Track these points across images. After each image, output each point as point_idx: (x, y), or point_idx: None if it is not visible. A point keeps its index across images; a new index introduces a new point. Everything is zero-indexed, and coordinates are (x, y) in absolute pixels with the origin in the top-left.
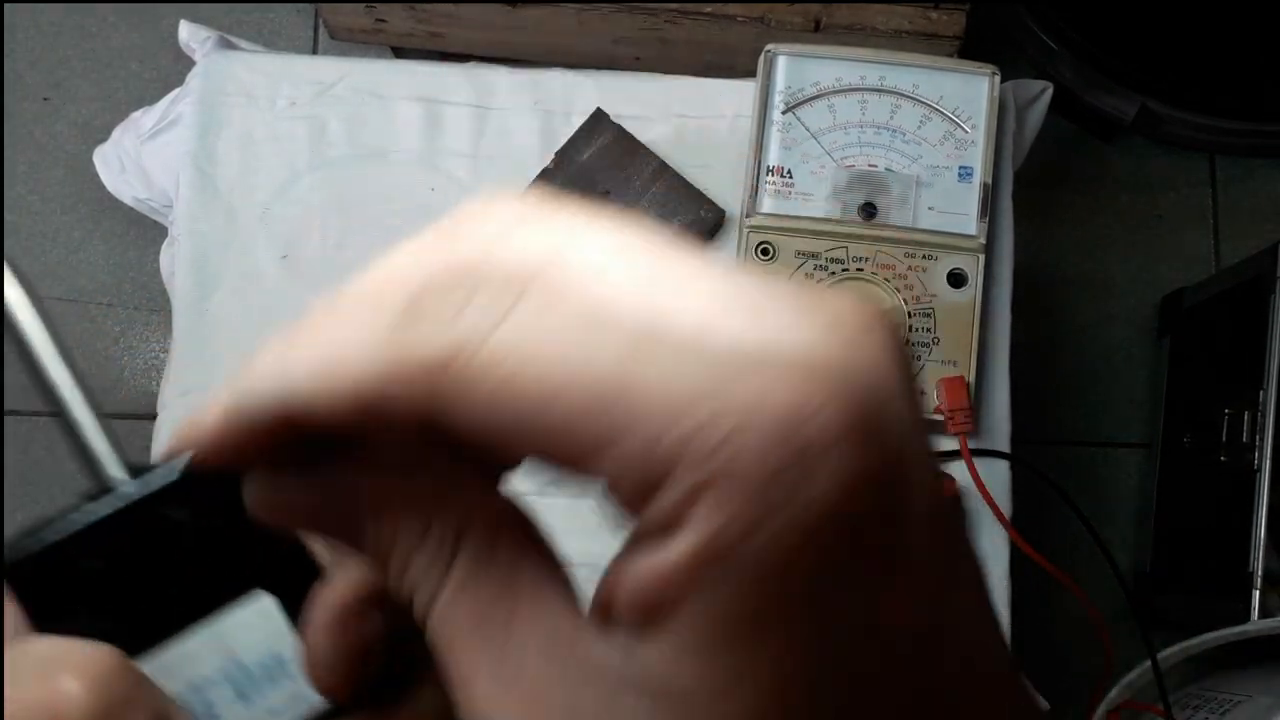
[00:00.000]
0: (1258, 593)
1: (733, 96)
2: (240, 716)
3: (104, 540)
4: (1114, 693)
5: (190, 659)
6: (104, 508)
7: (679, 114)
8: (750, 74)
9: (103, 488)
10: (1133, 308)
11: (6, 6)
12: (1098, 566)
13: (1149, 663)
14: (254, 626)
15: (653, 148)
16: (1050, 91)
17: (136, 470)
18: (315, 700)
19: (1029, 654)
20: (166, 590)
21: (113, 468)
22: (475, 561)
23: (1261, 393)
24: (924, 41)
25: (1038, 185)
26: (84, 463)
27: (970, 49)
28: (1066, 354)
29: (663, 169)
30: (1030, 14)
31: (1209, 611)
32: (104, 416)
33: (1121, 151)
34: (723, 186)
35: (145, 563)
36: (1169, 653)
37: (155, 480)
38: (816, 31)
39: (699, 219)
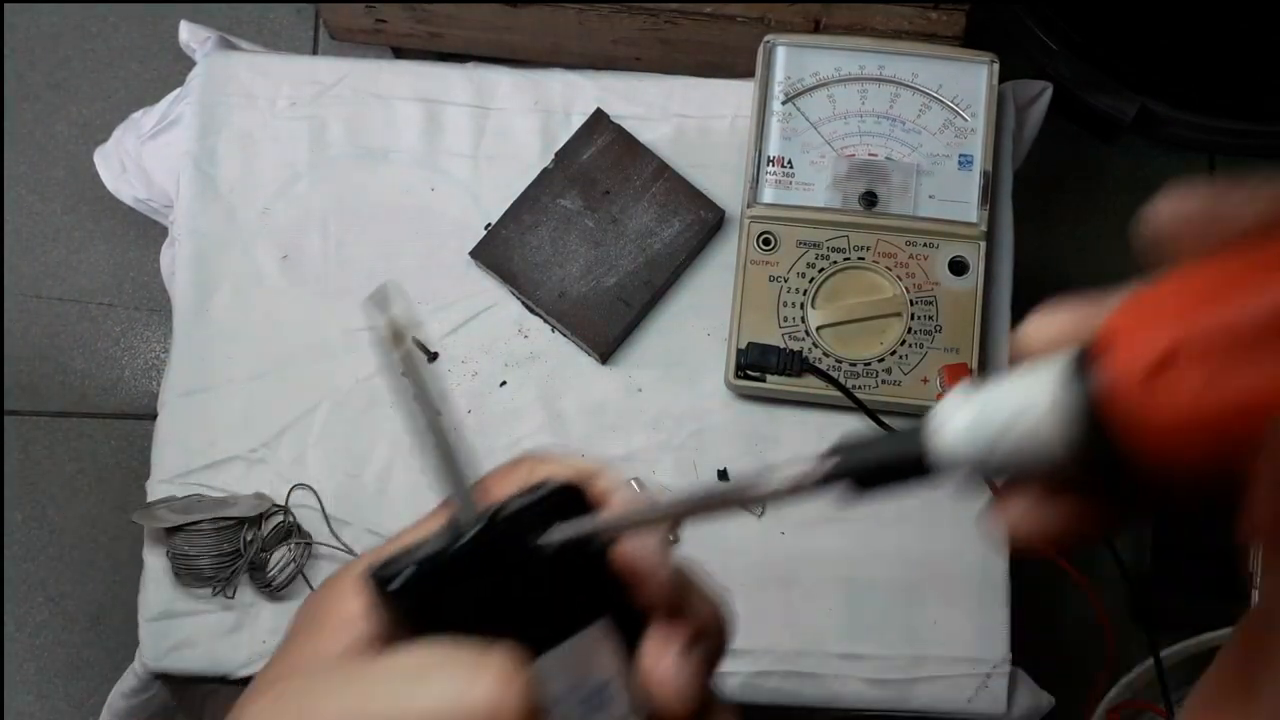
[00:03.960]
0: (1257, 593)
1: (733, 97)
2: None
3: (477, 560)
4: (1114, 692)
5: (548, 674)
6: (473, 533)
7: (679, 114)
8: (750, 74)
9: (491, 511)
10: None
11: (6, 6)
12: (1097, 567)
13: (1149, 662)
14: (597, 651)
15: (653, 148)
16: (1050, 91)
17: (501, 507)
18: None
19: (1028, 652)
20: (528, 611)
21: (463, 512)
22: None
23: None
24: (924, 42)
25: (1037, 185)
26: (456, 495)
27: (970, 49)
28: None
29: (662, 169)
30: (1030, 14)
31: (1209, 611)
32: (107, 416)
33: (1121, 152)
34: (723, 186)
35: (511, 585)
36: (1170, 652)
37: (517, 508)
38: (816, 32)
39: (699, 219)
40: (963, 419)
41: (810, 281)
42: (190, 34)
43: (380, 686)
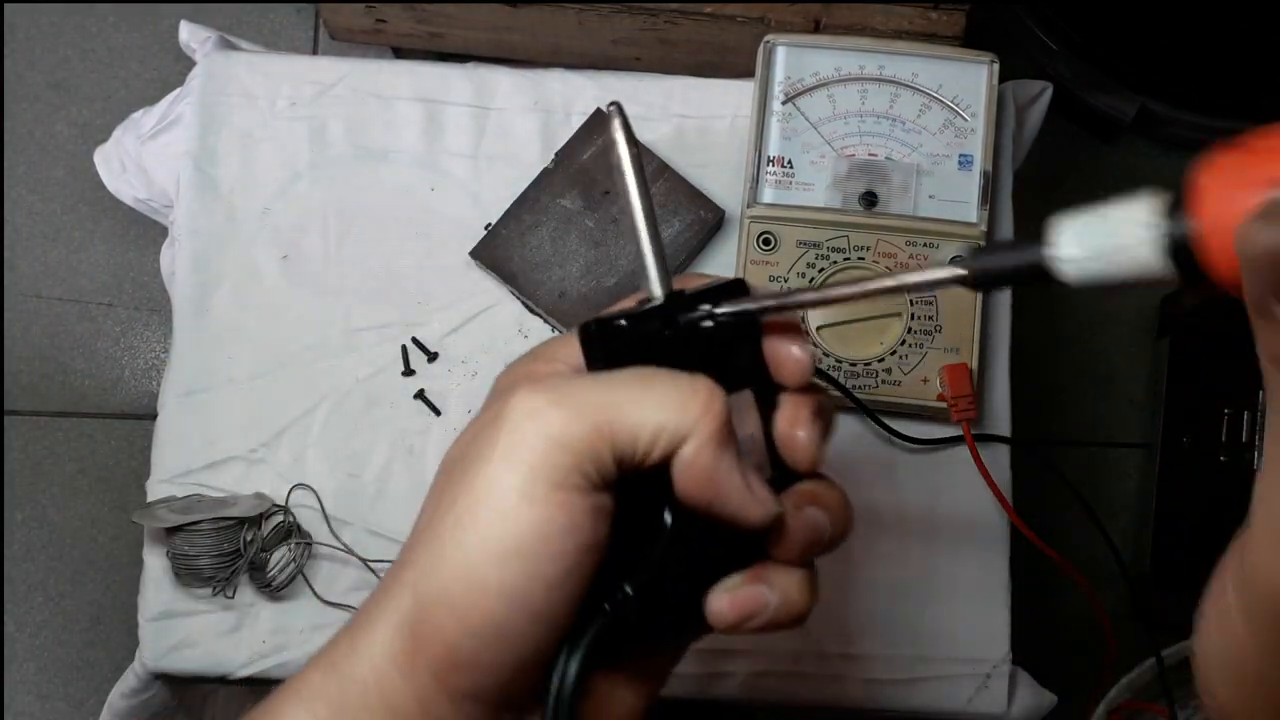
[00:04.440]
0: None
1: (732, 96)
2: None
3: (668, 321)
4: (1114, 692)
5: None
6: (658, 306)
7: (679, 114)
8: (750, 74)
9: (679, 291)
10: (1132, 308)
11: (6, 6)
12: (1096, 567)
13: (1150, 662)
14: (745, 411)
15: (653, 148)
16: (1050, 91)
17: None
18: (767, 471)
19: (1028, 651)
20: (701, 369)
21: (659, 285)
22: None
23: (1261, 393)
24: (924, 42)
25: (1038, 185)
26: (645, 283)
27: (970, 49)
28: (1066, 354)
29: (663, 169)
30: (1030, 14)
31: None
32: (107, 416)
33: (1121, 151)
34: (723, 186)
35: (690, 346)
36: (1169, 652)
37: (702, 293)
38: (816, 32)
39: (699, 219)
40: (1073, 244)
41: (810, 281)
42: (190, 34)
43: (620, 384)
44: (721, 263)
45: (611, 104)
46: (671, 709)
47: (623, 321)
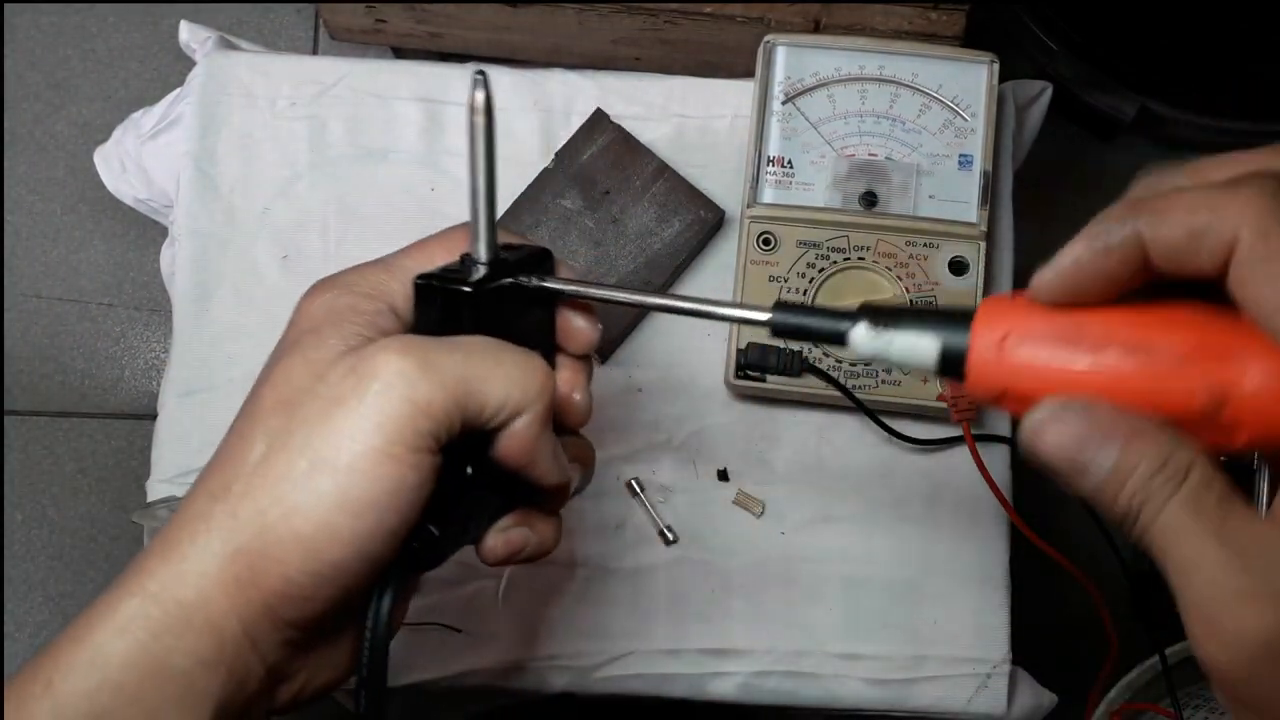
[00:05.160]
0: None
1: (733, 96)
2: None
3: (492, 285)
4: (1114, 692)
5: None
6: (485, 270)
7: (679, 114)
8: (750, 74)
9: (493, 258)
10: None
11: (6, 6)
12: (1097, 566)
13: (1151, 661)
14: None
15: (653, 148)
16: (1050, 91)
17: (504, 253)
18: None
19: (1028, 651)
20: (511, 330)
21: (487, 250)
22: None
23: None
24: (924, 42)
25: (1038, 185)
26: (474, 244)
27: (970, 49)
28: None
29: (663, 169)
30: (1030, 14)
31: None
32: (107, 416)
33: (1121, 151)
34: (723, 186)
35: (507, 308)
36: (1173, 650)
37: (519, 260)
38: (816, 32)
39: (699, 219)
40: (867, 334)
41: (810, 282)
42: (190, 34)
43: (476, 357)
44: (721, 262)
45: (479, 72)
46: (672, 709)
47: (466, 289)
